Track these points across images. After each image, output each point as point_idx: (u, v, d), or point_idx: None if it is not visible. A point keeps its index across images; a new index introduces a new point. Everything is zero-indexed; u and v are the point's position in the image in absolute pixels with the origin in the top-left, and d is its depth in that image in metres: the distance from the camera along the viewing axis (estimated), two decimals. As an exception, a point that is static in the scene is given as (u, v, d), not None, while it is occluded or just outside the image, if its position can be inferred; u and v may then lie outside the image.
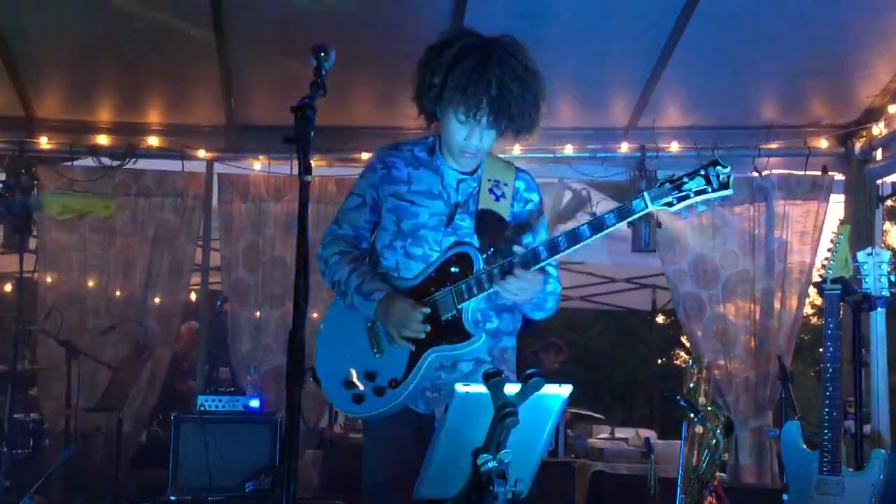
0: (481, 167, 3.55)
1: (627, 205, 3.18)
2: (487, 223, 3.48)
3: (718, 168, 3.14)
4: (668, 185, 3.15)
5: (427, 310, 3.37)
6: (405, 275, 3.49)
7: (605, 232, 3.21)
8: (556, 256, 3.27)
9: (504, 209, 3.51)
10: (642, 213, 3.17)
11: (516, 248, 3.32)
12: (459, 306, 3.35)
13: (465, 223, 3.49)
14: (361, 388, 3.46)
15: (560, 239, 3.26)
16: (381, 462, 3.51)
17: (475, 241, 3.46)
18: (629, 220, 3.19)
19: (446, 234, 3.48)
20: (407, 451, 3.26)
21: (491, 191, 3.51)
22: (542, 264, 3.28)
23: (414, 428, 3.43)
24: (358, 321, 3.51)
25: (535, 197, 3.61)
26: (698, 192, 3.13)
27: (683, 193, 3.14)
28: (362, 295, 3.47)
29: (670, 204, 3.16)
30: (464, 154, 3.47)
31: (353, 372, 3.48)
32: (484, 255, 3.39)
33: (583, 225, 3.23)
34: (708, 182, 3.13)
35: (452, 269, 3.40)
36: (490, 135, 3.44)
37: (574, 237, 3.23)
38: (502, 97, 3.34)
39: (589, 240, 3.22)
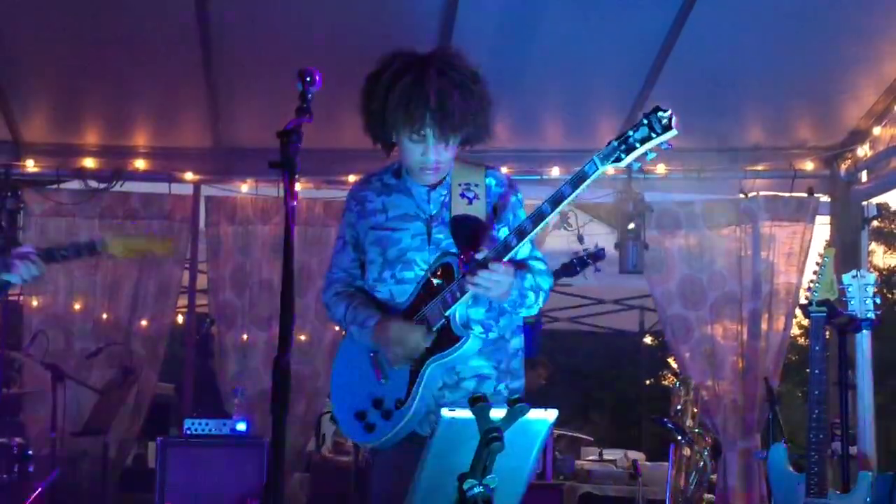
0: (449, 174, 3.53)
1: (580, 171, 3.16)
2: (463, 228, 3.45)
3: (660, 113, 3.09)
4: (614, 143, 3.13)
5: (422, 327, 3.37)
6: (400, 300, 3.48)
7: (566, 203, 3.20)
8: (526, 239, 3.25)
9: (479, 210, 3.48)
10: (595, 174, 3.14)
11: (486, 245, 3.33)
12: (446, 314, 3.34)
13: (443, 235, 3.48)
14: (371, 416, 3.45)
15: (525, 223, 3.25)
16: (388, 491, 3.50)
17: (455, 250, 3.43)
18: (584, 185, 3.15)
19: (431, 251, 3.47)
20: (412, 478, 3.23)
21: (463, 195, 3.49)
22: (515, 250, 3.26)
23: (420, 456, 3.39)
24: (363, 353, 3.51)
25: (504, 189, 3.57)
26: (644, 141, 3.11)
27: (630, 145, 3.13)
28: (357, 324, 3.50)
29: (619, 159, 3.13)
30: (425, 172, 3.46)
31: (362, 402, 3.48)
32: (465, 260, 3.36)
33: (543, 203, 3.21)
34: (651, 129, 3.10)
35: (436, 282, 3.39)
36: (443, 148, 3.42)
37: (538, 216, 3.21)
38: (443, 108, 3.32)
39: (552, 214, 3.20)
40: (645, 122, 3.11)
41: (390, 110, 3.35)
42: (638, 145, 3.10)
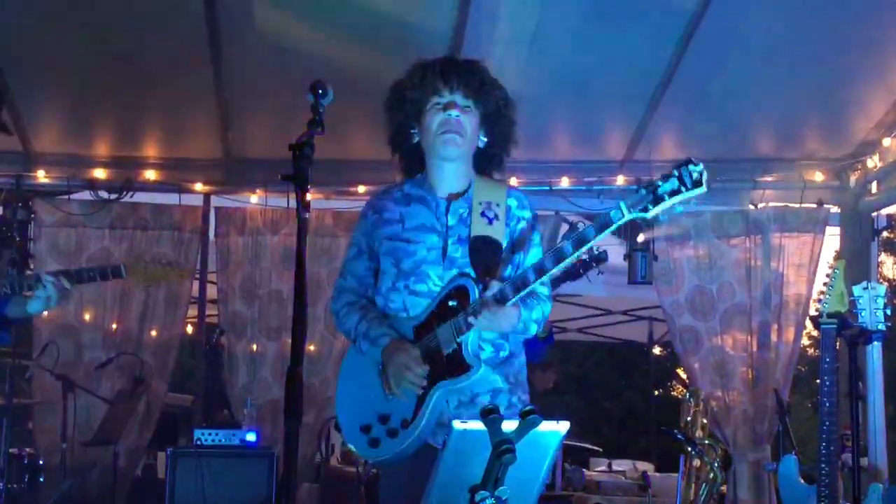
0: (471, 189, 3.54)
1: (605, 216, 3.18)
2: (481, 250, 3.45)
3: (691, 167, 3.11)
4: (643, 192, 3.15)
5: (426, 369, 3.36)
6: (413, 313, 3.48)
7: (589, 245, 3.23)
8: (545, 277, 3.27)
9: (499, 232, 3.48)
10: (621, 221, 3.17)
11: (504, 278, 3.36)
12: (458, 339, 3.34)
13: (459, 253, 3.47)
14: (376, 431, 3.45)
15: (546, 261, 3.26)
16: (397, 502, 3.49)
17: (472, 271, 3.43)
18: (608, 231, 3.19)
19: (445, 267, 3.47)
20: (422, 490, 3.22)
21: (483, 214, 3.49)
22: (531, 287, 3.27)
23: (432, 466, 3.37)
24: (371, 366, 3.51)
25: (526, 214, 3.58)
26: (673, 194, 3.12)
27: (658, 196, 3.13)
28: (369, 340, 3.50)
29: (646, 209, 3.15)
30: (446, 135, 3.47)
31: (368, 416, 3.48)
32: (480, 286, 3.36)
33: (566, 243, 3.23)
34: (682, 182, 3.11)
35: (451, 303, 3.38)
36: (468, 111, 3.48)
37: (558, 256, 3.23)
38: (468, 64, 3.51)
39: (573, 256, 3.21)
40: (675, 174, 3.13)
41: (416, 76, 3.49)
42: (667, 198, 3.13)
